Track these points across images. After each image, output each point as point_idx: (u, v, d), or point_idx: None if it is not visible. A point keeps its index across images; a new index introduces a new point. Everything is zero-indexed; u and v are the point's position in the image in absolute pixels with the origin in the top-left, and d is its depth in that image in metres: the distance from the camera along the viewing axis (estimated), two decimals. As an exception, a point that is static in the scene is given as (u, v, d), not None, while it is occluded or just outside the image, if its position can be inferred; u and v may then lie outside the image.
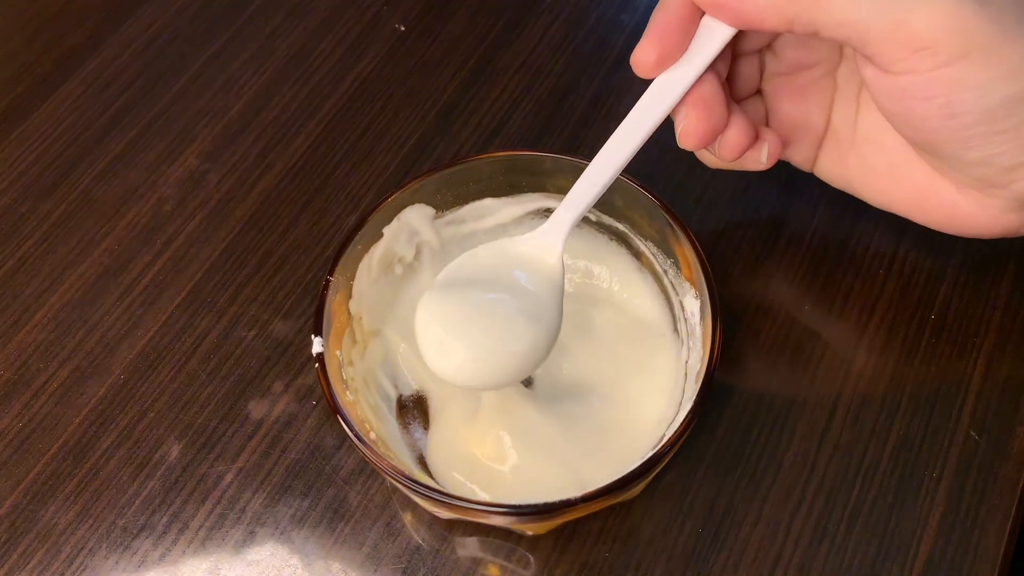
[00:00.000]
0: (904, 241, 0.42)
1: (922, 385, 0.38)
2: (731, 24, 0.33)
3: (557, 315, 0.34)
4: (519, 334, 0.33)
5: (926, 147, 0.33)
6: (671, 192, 0.44)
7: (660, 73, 0.34)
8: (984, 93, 0.30)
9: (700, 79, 0.34)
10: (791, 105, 0.38)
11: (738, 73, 0.37)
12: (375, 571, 0.36)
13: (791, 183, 0.44)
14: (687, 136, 0.35)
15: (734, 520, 0.36)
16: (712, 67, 0.34)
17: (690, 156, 0.45)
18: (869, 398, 0.38)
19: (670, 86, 0.34)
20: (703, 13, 0.33)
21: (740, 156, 0.36)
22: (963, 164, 0.33)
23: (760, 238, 0.42)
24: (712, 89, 0.34)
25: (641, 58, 0.33)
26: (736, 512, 0.36)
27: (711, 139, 0.35)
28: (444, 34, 0.51)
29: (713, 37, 0.33)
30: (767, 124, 0.39)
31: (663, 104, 0.34)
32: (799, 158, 0.39)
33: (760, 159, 0.37)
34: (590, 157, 0.35)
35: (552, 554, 0.35)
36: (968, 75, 0.30)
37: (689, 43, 0.33)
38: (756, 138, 0.36)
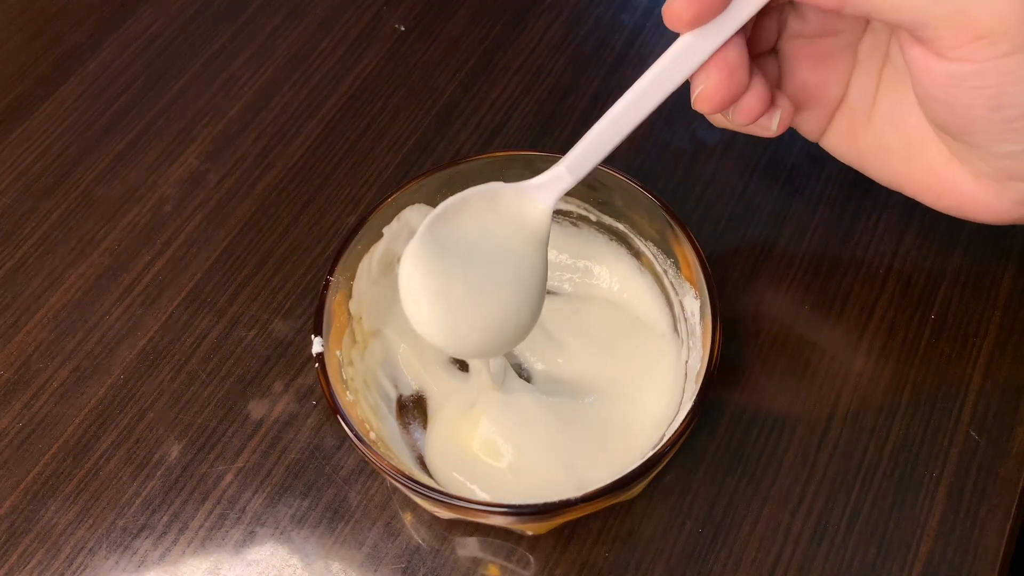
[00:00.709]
0: (904, 241, 0.42)
1: (922, 385, 0.38)
2: None
3: (540, 281, 0.32)
4: (503, 301, 0.32)
5: (958, 135, 0.33)
6: (671, 192, 0.44)
7: (691, 31, 0.31)
8: None
9: (729, 41, 0.31)
10: (808, 71, 0.36)
11: (759, 28, 0.35)
12: (375, 571, 0.36)
13: (791, 183, 0.44)
14: (705, 101, 0.33)
15: (734, 520, 0.36)
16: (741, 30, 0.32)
17: (690, 155, 0.45)
18: (869, 398, 0.38)
19: (698, 46, 0.31)
20: None
21: (754, 122, 0.34)
22: (990, 155, 0.32)
23: (760, 238, 0.42)
24: (738, 53, 0.32)
25: (677, 11, 0.31)
26: (736, 512, 0.36)
27: (729, 105, 0.33)
28: (444, 34, 0.51)
29: (748, 1, 0.31)
30: (779, 86, 0.37)
31: (688, 64, 0.32)
32: (808, 127, 0.37)
33: (771, 126, 0.35)
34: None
35: (552, 554, 0.35)
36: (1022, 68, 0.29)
37: (729, 2, 0.31)
38: (772, 104, 0.35)
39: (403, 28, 0.51)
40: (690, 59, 0.31)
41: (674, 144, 0.45)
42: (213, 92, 0.49)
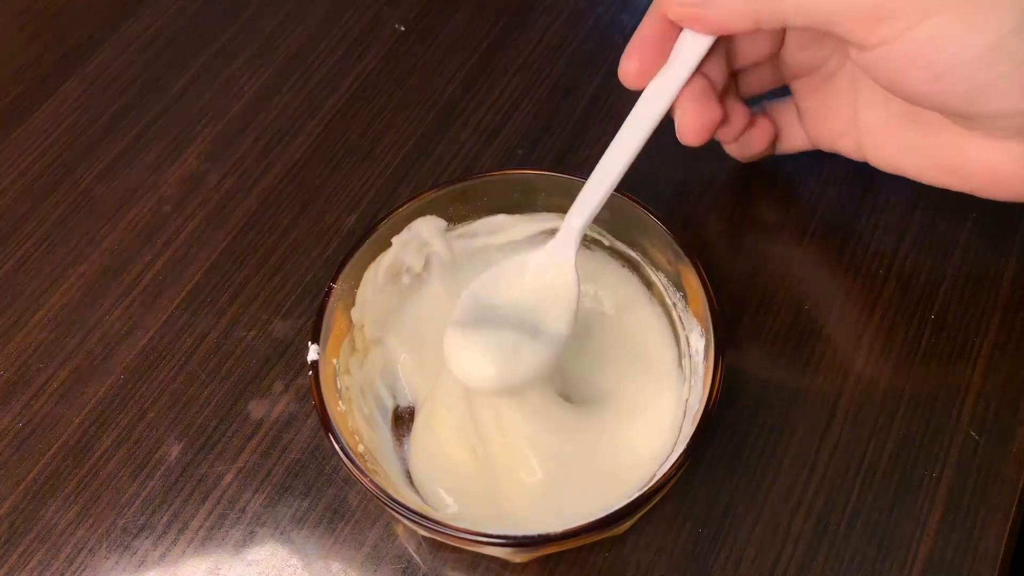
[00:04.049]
0: (904, 241, 0.42)
1: (922, 385, 0.38)
2: (704, 32, 0.35)
3: (568, 327, 0.35)
4: (533, 353, 0.34)
5: (939, 110, 0.33)
6: (671, 194, 0.44)
7: (645, 84, 0.36)
8: (962, 45, 0.30)
9: (689, 82, 0.35)
10: (814, 102, 0.39)
11: (747, 80, 0.40)
12: (375, 571, 0.36)
13: (790, 183, 0.44)
14: (683, 132, 0.37)
15: (734, 520, 0.36)
16: (702, 72, 0.36)
17: (690, 155, 0.45)
18: (869, 398, 0.38)
19: (660, 92, 0.36)
20: (680, 28, 0.35)
21: (737, 139, 0.40)
22: (986, 119, 0.32)
23: (760, 238, 0.42)
24: (701, 89, 0.36)
25: (624, 70, 0.36)
26: (736, 512, 0.36)
27: (706, 133, 0.37)
28: (444, 34, 0.51)
29: (692, 47, 0.35)
30: (800, 121, 0.41)
31: (655, 108, 0.35)
32: (847, 149, 0.39)
33: (768, 150, 0.41)
34: (595, 163, 0.34)
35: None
36: (940, 32, 0.30)
37: (667, 55, 0.35)
38: (751, 124, 0.40)
39: (403, 28, 0.51)
40: (657, 103, 0.36)
41: (674, 144, 0.45)
42: (213, 92, 0.49)
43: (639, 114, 0.35)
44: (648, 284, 0.39)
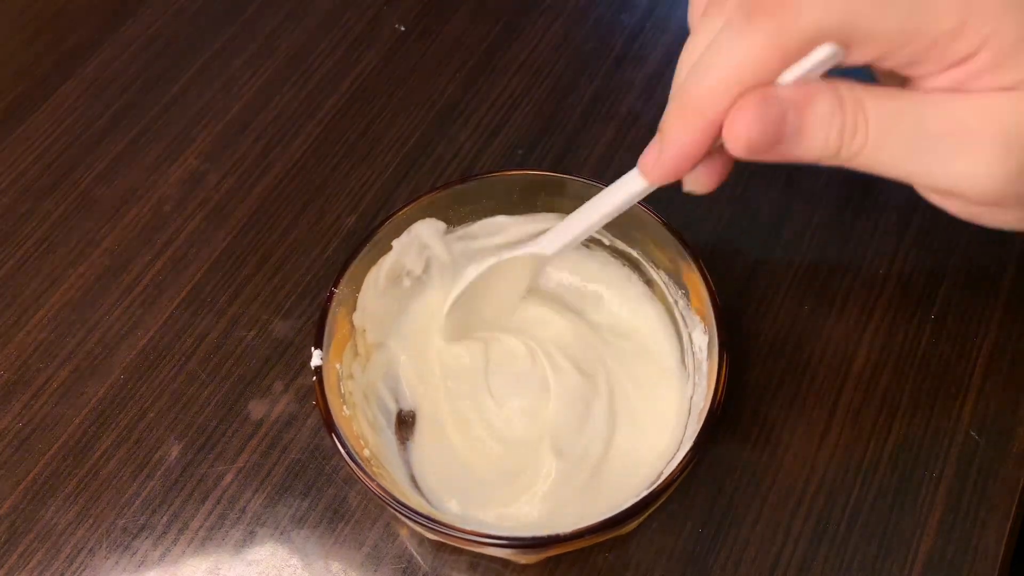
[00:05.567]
0: (904, 241, 0.42)
1: (922, 385, 0.38)
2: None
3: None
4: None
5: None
6: (670, 193, 0.44)
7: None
8: None
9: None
10: None
11: None
12: (375, 571, 0.36)
13: (791, 183, 0.44)
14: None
15: (734, 520, 0.36)
16: None
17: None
18: (869, 398, 0.38)
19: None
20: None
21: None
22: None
23: (760, 237, 0.42)
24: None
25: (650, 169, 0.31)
26: (736, 512, 0.36)
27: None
28: (444, 34, 0.51)
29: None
30: None
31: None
32: None
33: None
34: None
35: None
36: None
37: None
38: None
39: (403, 28, 0.51)
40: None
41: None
42: (213, 92, 0.49)
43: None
44: (649, 283, 0.39)
